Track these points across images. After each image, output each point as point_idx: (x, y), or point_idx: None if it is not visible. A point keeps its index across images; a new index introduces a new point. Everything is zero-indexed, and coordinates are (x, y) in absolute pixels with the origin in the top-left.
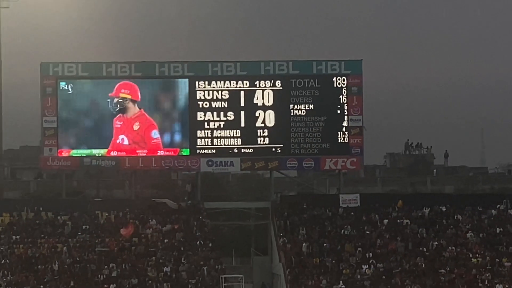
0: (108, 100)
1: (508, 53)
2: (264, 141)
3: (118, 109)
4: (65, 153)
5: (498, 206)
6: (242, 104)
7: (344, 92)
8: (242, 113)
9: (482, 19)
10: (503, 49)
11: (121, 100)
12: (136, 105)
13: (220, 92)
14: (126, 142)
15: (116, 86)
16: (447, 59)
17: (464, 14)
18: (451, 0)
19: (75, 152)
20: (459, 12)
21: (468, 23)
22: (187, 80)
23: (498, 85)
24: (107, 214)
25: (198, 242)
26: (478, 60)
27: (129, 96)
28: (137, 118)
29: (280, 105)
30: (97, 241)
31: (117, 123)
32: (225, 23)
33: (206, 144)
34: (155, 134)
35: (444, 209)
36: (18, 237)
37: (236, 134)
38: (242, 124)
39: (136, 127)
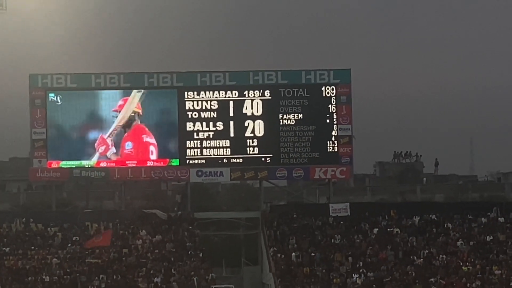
0: (98, 110)
1: (496, 62)
2: (253, 151)
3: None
4: (54, 165)
5: (488, 214)
6: (231, 114)
7: (333, 101)
8: (231, 123)
9: (469, 28)
10: (492, 58)
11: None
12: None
13: (209, 102)
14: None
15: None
16: (436, 67)
17: (451, 23)
18: (440, 10)
19: (65, 164)
20: (447, 21)
21: (456, 32)
22: (175, 90)
23: (487, 93)
24: (97, 225)
25: (188, 252)
26: (467, 69)
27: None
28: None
29: (269, 114)
30: (87, 252)
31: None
32: (214, 33)
33: (196, 154)
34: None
35: (434, 217)
36: (8, 249)
37: (225, 144)
38: (232, 134)
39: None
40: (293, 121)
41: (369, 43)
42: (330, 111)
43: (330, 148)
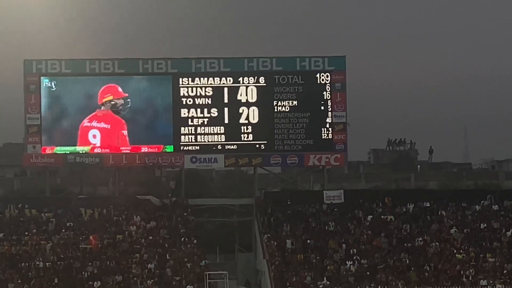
0: (93, 96)
1: (491, 50)
2: (248, 137)
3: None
4: (48, 150)
5: (482, 201)
6: (226, 100)
7: (328, 88)
8: (226, 109)
9: (465, 17)
10: (487, 46)
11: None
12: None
13: (203, 88)
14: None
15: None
16: (431, 55)
17: (447, 11)
18: None
19: (59, 149)
20: (443, 9)
21: (452, 20)
22: (170, 76)
23: (482, 81)
24: (91, 211)
25: (182, 238)
26: (462, 57)
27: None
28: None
29: (263, 101)
30: (81, 238)
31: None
32: (209, 20)
33: (190, 140)
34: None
35: (428, 205)
36: (2, 234)
37: (220, 130)
38: (226, 121)
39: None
40: (287, 108)
41: (364, 30)
42: (325, 98)
43: (324, 135)
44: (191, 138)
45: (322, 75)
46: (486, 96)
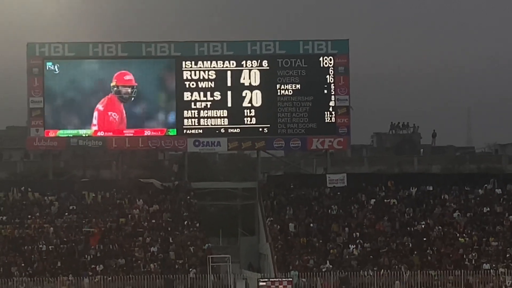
0: (99, 81)
1: (494, 34)
2: (251, 121)
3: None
4: (51, 134)
5: (485, 185)
6: (229, 84)
7: (331, 72)
8: (229, 93)
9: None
10: (490, 30)
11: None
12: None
13: (206, 72)
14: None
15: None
16: (434, 39)
17: None
18: None
19: (62, 133)
20: None
21: (455, 4)
22: (173, 60)
23: (485, 65)
24: (94, 195)
25: (185, 222)
26: (465, 40)
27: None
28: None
29: (266, 85)
30: (84, 221)
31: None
32: (212, 3)
33: (193, 124)
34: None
35: (431, 188)
36: (4, 217)
37: (223, 114)
38: (229, 104)
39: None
40: (290, 92)
41: (367, 14)
42: (328, 81)
43: (327, 119)
44: (194, 121)
45: (325, 59)
46: (490, 80)
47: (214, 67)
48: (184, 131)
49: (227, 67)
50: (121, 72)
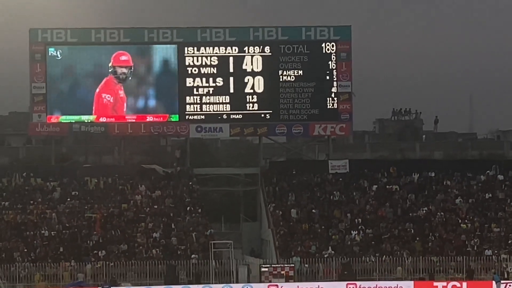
0: (98, 65)
1: (498, 19)
2: (253, 107)
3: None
4: (54, 119)
5: (487, 172)
6: (231, 70)
7: (333, 58)
8: (231, 79)
9: None
10: (493, 15)
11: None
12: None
13: (209, 58)
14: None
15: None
16: (437, 25)
17: None
18: None
19: (64, 118)
20: None
21: None
22: (175, 46)
23: (488, 50)
24: (96, 180)
25: (187, 208)
26: (468, 26)
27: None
28: None
29: (269, 71)
30: (86, 207)
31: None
32: None
33: (195, 110)
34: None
35: (433, 175)
36: (7, 203)
37: (225, 100)
38: (231, 90)
39: None
40: (293, 78)
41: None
42: (330, 67)
43: (329, 105)
44: (197, 107)
45: (328, 45)
46: (492, 66)
47: (216, 53)
48: (186, 117)
49: (229, 53)
50: (118, 53)
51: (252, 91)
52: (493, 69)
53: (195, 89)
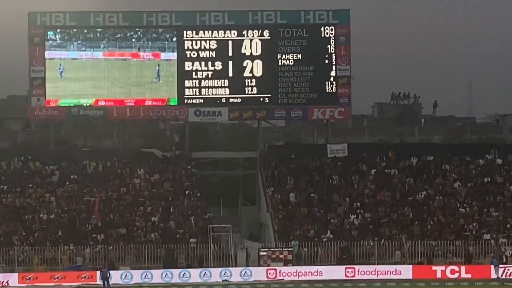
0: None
1: (496, 3)
2: (252, 91)
3: None
4: (52, 103)
5: (486, 156)
6: (230, 54)
7: (332, 42)
8: (230, 62)
9: None
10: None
11: None
12: None
13: (208, 42)
14: None
15: None
16: (435, 9)
17: None
18: None
19: (63, 102)
20: None
21: None
22: (174, 29)
23: (487, 35)
24: (95, 164)
25: (186, 192)
26: (467, 10)
27: None
28: None
29: (268, 54)
30: (85, 190)
31: None
32: None
33: (194, 94)
34: None
35: (431, 159)
36: (6, 186)
37: (224, 84)
38: (230, 74)
39: None
40: (291, 62)
41: None
42: (329, 51)
43: (328, 89)
44: (195, 91)
45: (327, 29)
46: (491, 50)
47: (215, 37)
48: (185, 100)
49: (228, 37)
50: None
51: (251, 75)
52: (492, 53)
53: (194, 73)
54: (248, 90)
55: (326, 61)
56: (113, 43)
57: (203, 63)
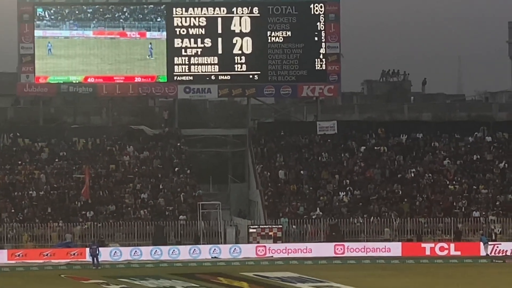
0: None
1: None
2: (241, 68)
3: None
4: (42, 80)
5: (475, 133)
6: (220, 31)
7: (322, 19)
8: (220, 40)
9: None
10: None
11: None
12: None
13: (197, 19)
14: None
15: None
16: None
17: None
18: None
19: (52, 79)
20: None
21: None
22: (164, 6)
23: (477, 12)
24: (84, 141)
25: (175, 169)
26: None
27: None
28: None
29: (257, 32)
30: (74, 167)
31: None
32: None
33: (184, 71)
34: None
35: (421, 136)
36: None
37: (213, 61)
38: (220, 51)
39: None
40: (281, 39)
41: None
42: (319, 29)
43: (318, 66)
44: (185, 68)
45: (316, 6)
46: (481, 28)
47: (204, 14)
48: (175, 77)
49: (217, 14)
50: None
51: (240, 52)
52: (482, 30)
53: (183, 50)
54: (238, 67)
55: (316, 39)
56: (103, 23)
57: (192, 40)
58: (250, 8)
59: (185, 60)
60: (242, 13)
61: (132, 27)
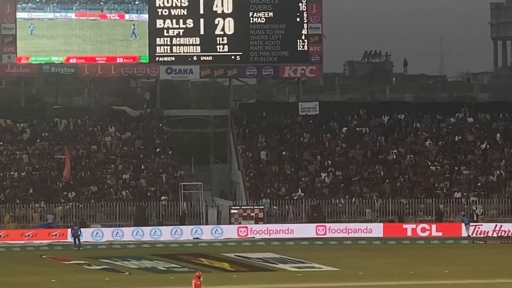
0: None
1: None
2: (223, 49)
3: None
4: (24, 60)
5: (457, 114)
6: (202, 11)
7: (304, 0)
8: (202, 20)
9: None
10: None
11: None
12: None
13: None
14: None
15: None
16: None
17: None
18: None
19: (34, 59)
20: None
21: None
22: None
23: None
24: (66, 122)
25: (157, 149)
26: None
27: None
28: None
29: (239, 12)
30: (56, 148)
31: None
32: None
33: (166, 51)
34: None
35: (403, 117)
36: None
37: (195, 41)
38: (202, 32)
39: None
40: (263, 19)
41: None
42: (301, 9)
43: (300, 47)
44: (167, 49)
45: None
46: (462, 9)
47: None
48: (157, 58)
49: None
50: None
51: (222, 32)
52: (463, 11)
53: (165, 31)
54: (220, 48)
55: (298, 19)
56: (84, 6)
57: (174, 21)
58: None
59: (167, 41)
60: None
61: (112, 9)
